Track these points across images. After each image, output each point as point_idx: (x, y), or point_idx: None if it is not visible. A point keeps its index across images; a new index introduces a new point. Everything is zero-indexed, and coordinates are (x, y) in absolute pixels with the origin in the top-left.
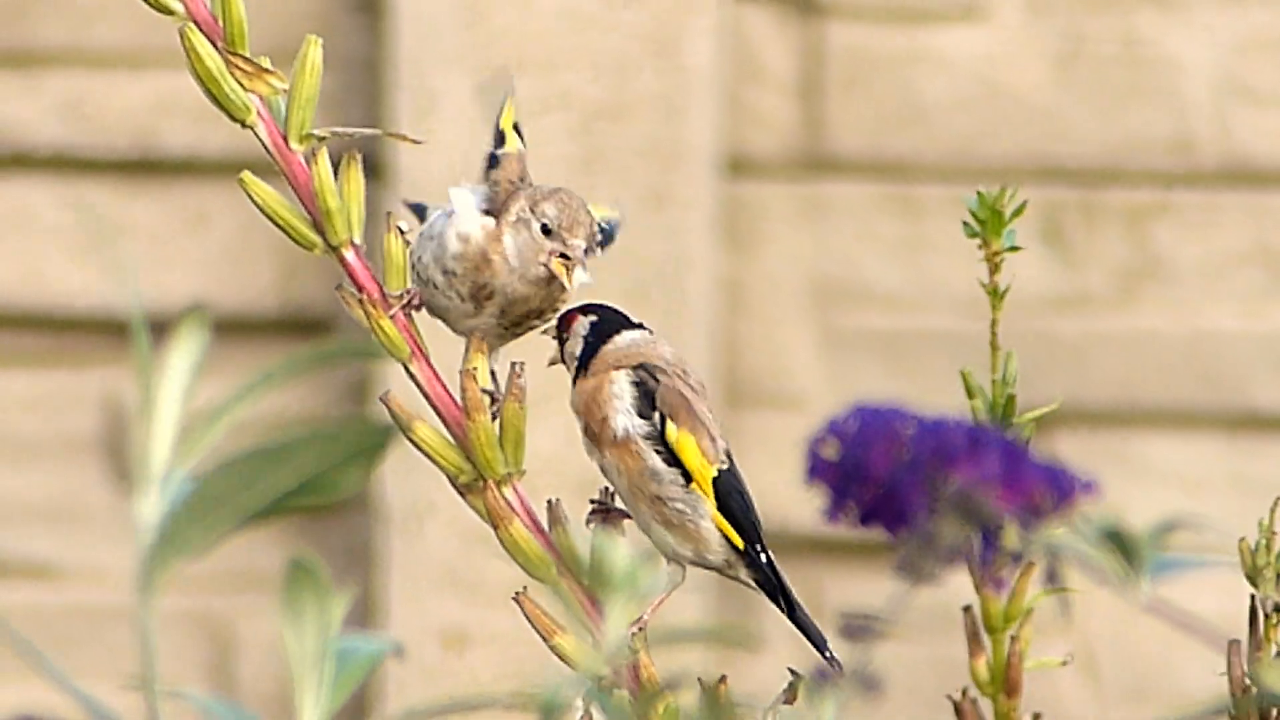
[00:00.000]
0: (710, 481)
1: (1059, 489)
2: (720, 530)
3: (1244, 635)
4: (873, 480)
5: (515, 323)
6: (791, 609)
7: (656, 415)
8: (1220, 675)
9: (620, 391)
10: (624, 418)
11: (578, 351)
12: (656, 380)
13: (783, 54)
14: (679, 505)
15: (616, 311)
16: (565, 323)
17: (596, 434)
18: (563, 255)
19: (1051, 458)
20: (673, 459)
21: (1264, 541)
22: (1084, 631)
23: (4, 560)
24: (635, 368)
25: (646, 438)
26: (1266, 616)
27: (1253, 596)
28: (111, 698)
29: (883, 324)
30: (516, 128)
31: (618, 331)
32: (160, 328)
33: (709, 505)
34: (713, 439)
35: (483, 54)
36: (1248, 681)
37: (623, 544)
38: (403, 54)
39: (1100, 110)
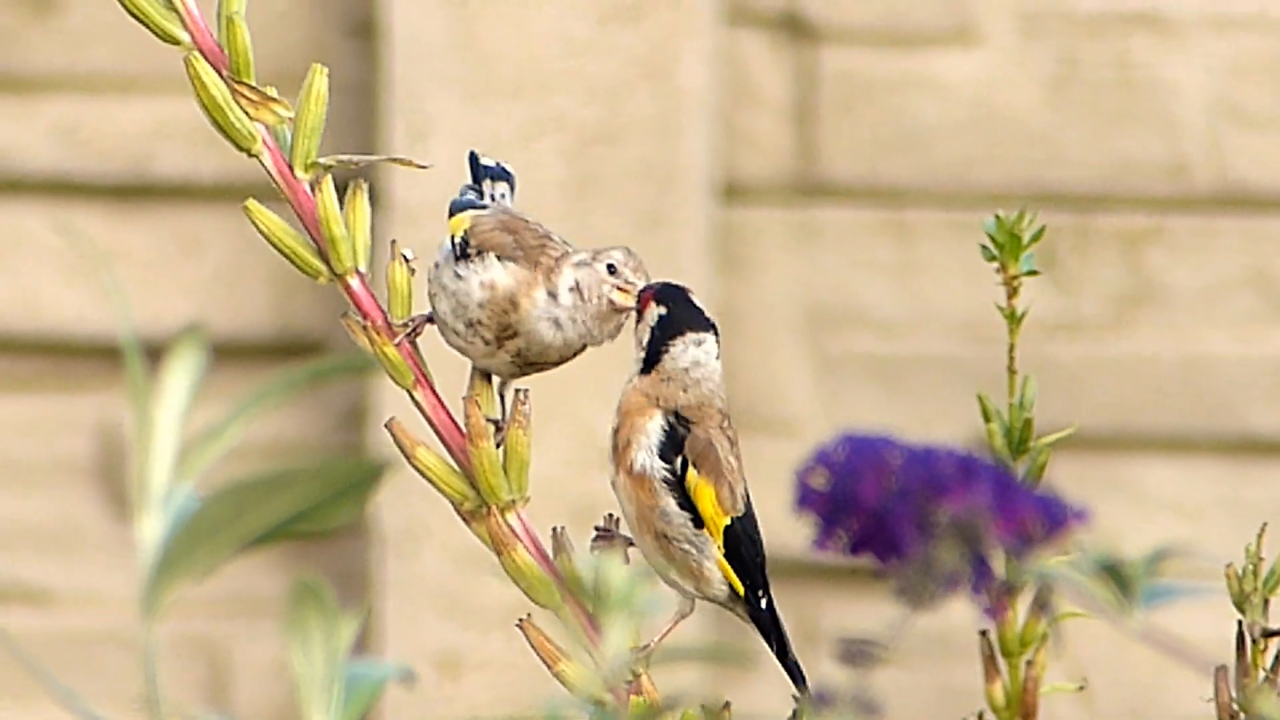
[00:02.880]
0: (723, 530)
1: (1050, 518)
2: (722, 571)
3: (1233, 661)
4: (862, 510)
5: (531, 363)
6: (783, 651)
7: (679, 460)
8: (1208, 701)
9: (652, 429)
10: (645, 455)
11: (645, 342)
12: (688, 428)
13: (777, 78)
14: (685, 546)
15: (687, 301)
16: (641, 302)
17: (619, 451)
18: (623, 289)
19: (1043, 486)
20: (687, 503)
21: (1251, 567)
22: (1078, 655)
23: (1, 586)
24: (672, 412)
25: (664, 480)
26: (1254, 642)
27: (1240, 622)
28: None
29: (877, 349)
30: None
31: (683, 332)
32: (155, 352)
33: (716, 549)
34: (732, 488)
35: (477, 77)
36: (1235, 708)
37: (622, 563)
38: (397, 78)
39: (1094, 134)
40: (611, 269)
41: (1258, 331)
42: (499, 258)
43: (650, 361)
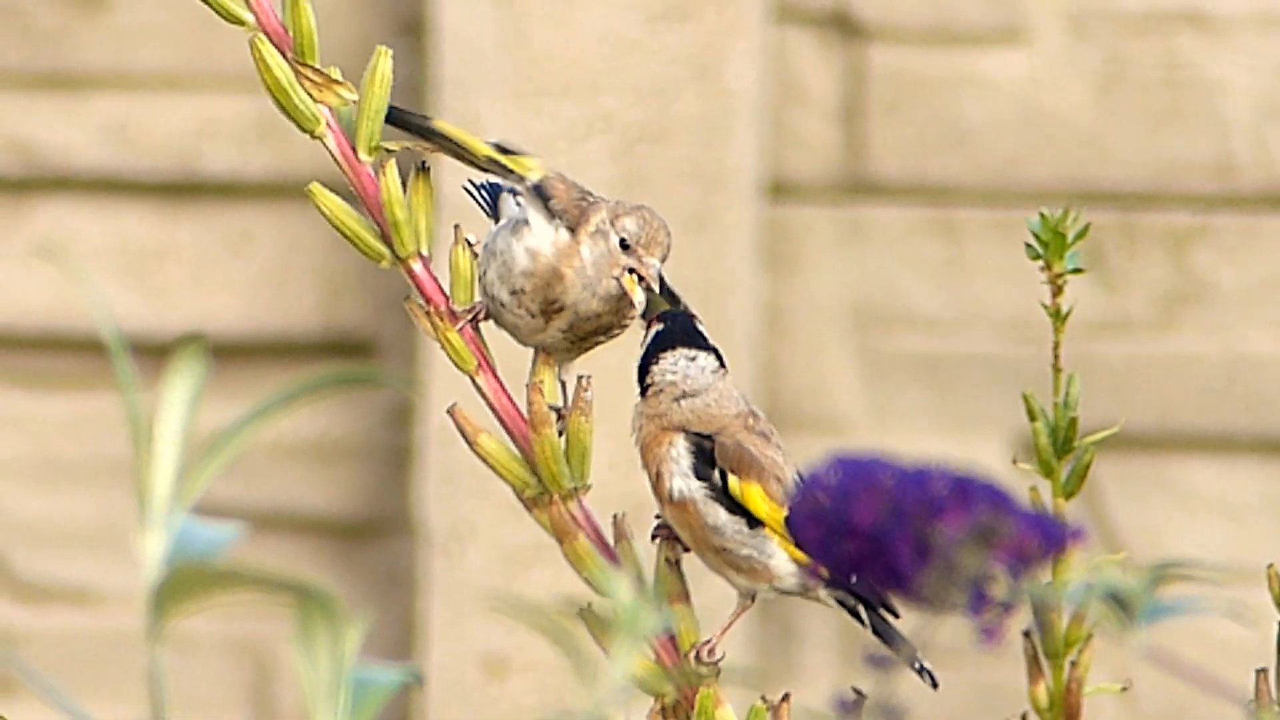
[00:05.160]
0: (783, 523)
1: (1047, 537)
2: (798, 562)
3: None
4: (858, 533)
5: (582, 337)
6: (878, 620)
7: (716, 473)
8: (1249, 704)
9: (678, 455)
10: (679, 480)
11: (639, 363)
12: (712, 440)
13: (824, 77)
14: (745, 551)
15: (688, 323)
16: (647, 326)
17: (653, 484)
18: (635, 272)
19: (1038, 505)
20: (738, 509)
21: None
22: (1121, 655)
23: (43, 584)
24: (691, 432)
25: (707, 496)
26: None
27: None
28: None
29: (923, 347)
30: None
31: (674, 347)
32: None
33: (778, 543)
34: (779, 479)
35: (525, 77)
36: (1277, 709)
37: (627, 583)
38: (446, 77)
39: (1141, 133)
40: (624, 244)
41: None
42: (554, 218)
43: (643, 379)
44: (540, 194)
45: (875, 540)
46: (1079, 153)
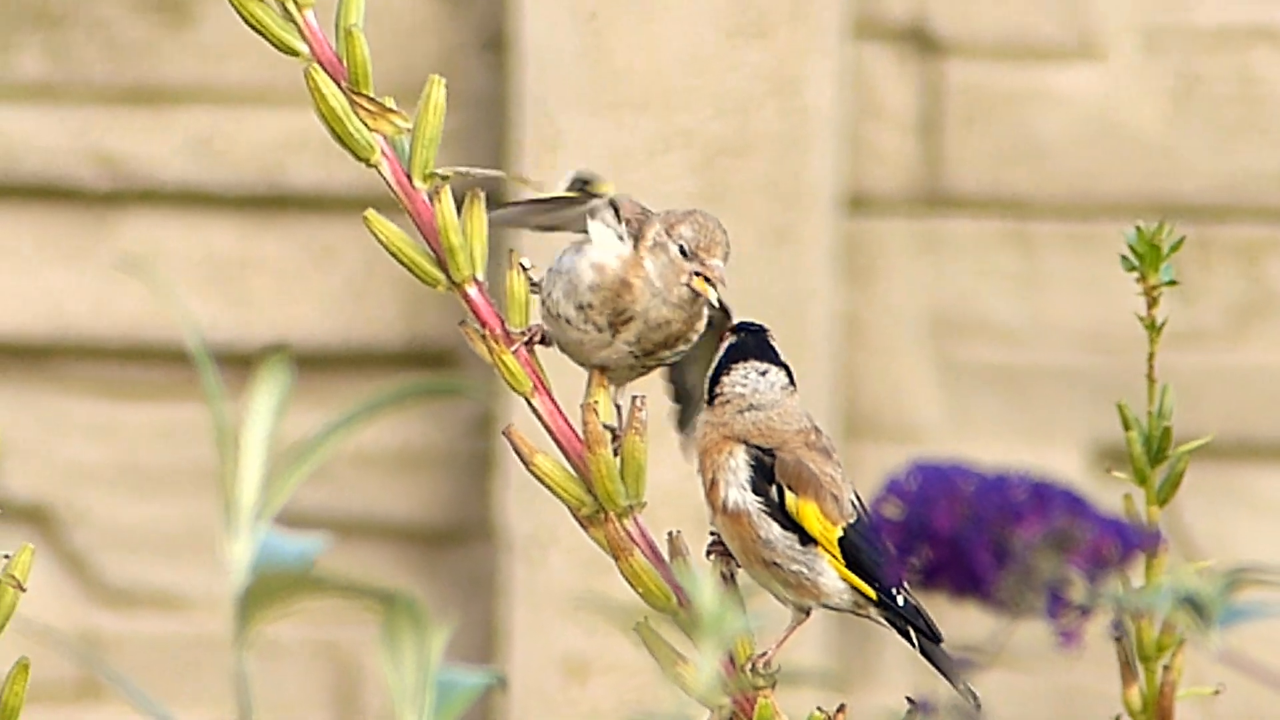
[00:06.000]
0: (836, 543)
1: (1125, 542)
2: (847, 582)
3: None
4: (937, 538)
5: (649, 351)
6: (926, 643)
7: (774, 488)
8: None
9: (736, 466)
10: (735, 491)
11: (711, 369)
12: (773, 455)
13: (902, 92)
14: (794, 567)
15: (762, 338)
16: (720, 338)
17: (706, 491)
18: (701, 275)
19: (1131, 512)
20: (791, 524)
21: None
22: (1196, 657)
23: (130, 589)
24: (753, 445)
25: (762, 510)
26: None
27: None
28: None
29: (1000, 358)
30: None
31: (746, 359)
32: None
33: (829, 562)
34: (836, 498)
35: (606, 91)
36: None
37: (712, 584)
38: (527, 92)
39: (1215, 147)
40: (684, 251)
41: None
42: (623, 223)
43: (713, 389)
44: (613, 206)
45: (954, 545)
46: (1153, 166)
